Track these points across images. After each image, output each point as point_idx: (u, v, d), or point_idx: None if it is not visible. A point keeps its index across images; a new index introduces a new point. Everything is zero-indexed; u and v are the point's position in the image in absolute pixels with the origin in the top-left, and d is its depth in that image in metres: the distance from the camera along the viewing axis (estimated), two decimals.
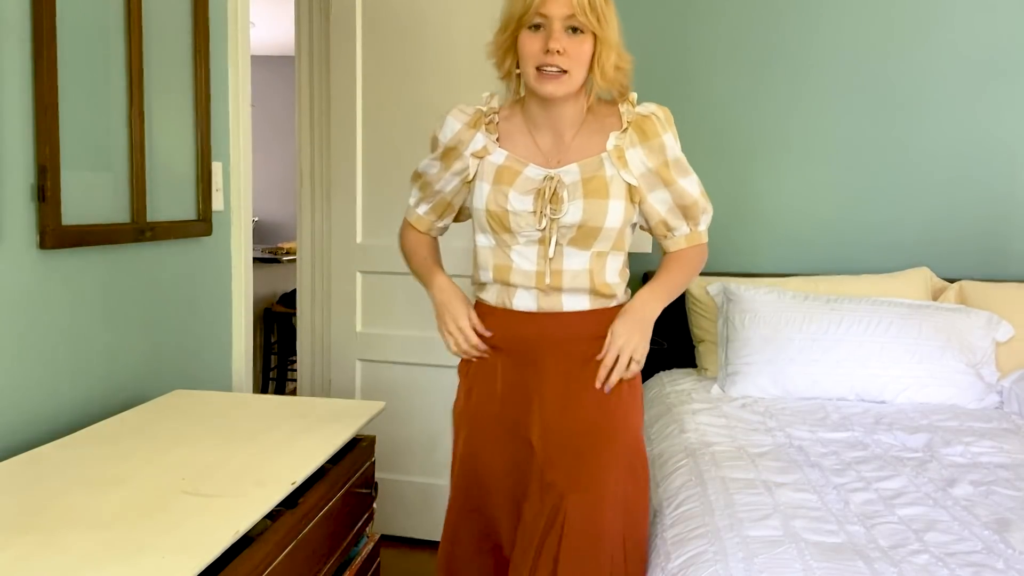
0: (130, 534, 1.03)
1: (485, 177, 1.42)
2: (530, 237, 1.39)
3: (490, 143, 1.43)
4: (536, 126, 1.43)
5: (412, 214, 1.57)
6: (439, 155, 1.47)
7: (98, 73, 1.56)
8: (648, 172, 1.41)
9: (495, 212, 1.39)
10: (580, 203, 1.36)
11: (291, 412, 1.63)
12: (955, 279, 2.60)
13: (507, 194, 1.38)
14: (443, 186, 1.49)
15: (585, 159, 1.39)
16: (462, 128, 1.45)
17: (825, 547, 1.31)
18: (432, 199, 1.53)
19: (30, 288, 1.43)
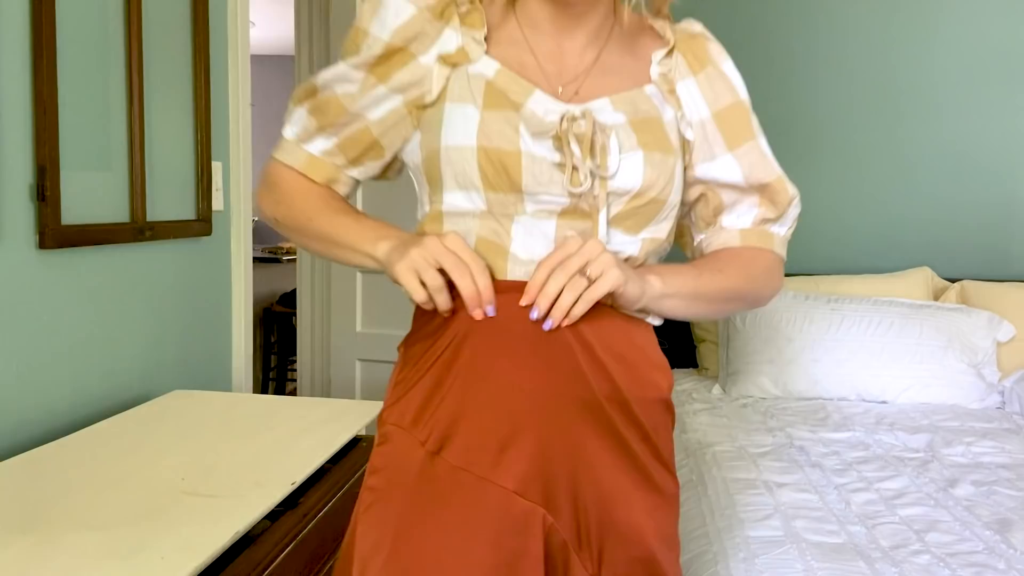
0: (130, 534, 1.02)
1: (463, 97, 0.86)
2: (550, 205, 0.85)
3: (472, 45, 0.88)
4: (538, 31, 0.90)
5: (295, 153, 0.96)
6: (372, 58, 0.89)
7: (98, 73, 1.56)
8: (707, 120, 0.93)
9: (497, 152, 0.83)
10: (639, 157, 0.86)
11: (291, 412, 1.63)
12: (956, 279, 2.60)
13: (518, 125, 0.84)
14: (368, 109, 0.91)
15: (621, 91, 0.89)
16: (421, 14, 0.88)
17: (826, 547, 1.30)
18: (341, 131, 0.93)
19: (29, 288, 1.42)
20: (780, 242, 0.98)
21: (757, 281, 0.95)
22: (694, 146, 0.93)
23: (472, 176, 0.85)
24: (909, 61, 2.66)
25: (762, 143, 0.96)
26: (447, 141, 0.86)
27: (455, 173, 0.86)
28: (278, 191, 0.98)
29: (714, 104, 0.93)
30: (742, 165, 0.94)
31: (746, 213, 0.96)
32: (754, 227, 0.96)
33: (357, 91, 0.91)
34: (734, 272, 0.93)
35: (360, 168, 0.97)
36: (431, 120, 0.88)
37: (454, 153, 0.86)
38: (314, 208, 0.95)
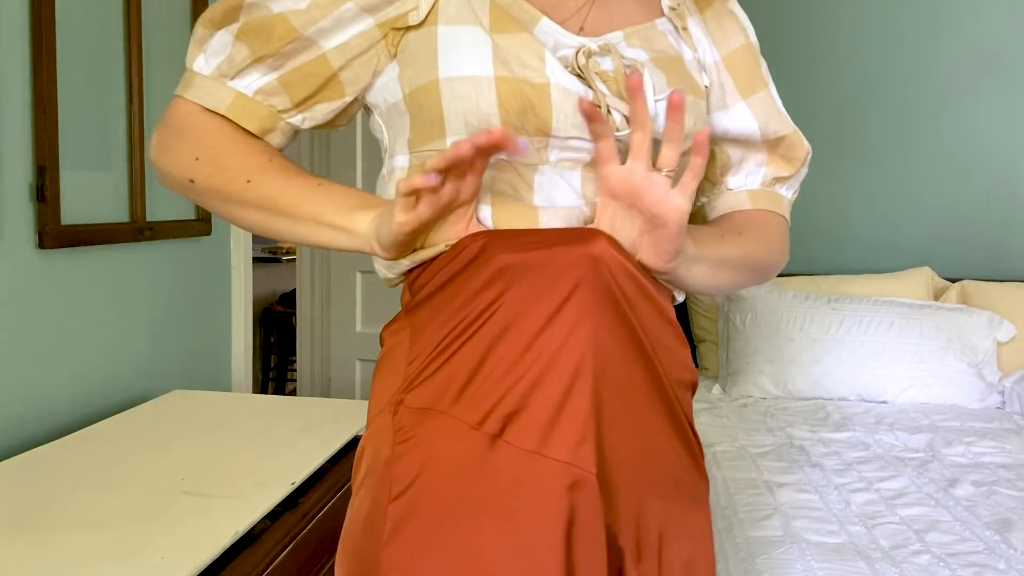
0: (130, 534, 1.02)
1: (465, 16, 0.70)
2: (577, 153, 0.70)
3: None
4: None
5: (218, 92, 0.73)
6: None
7: (97, 73, 1.56)
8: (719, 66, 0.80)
9: (519, 83, 0.67)
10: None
11: (291, 412, 1.62)
12: (957, 279, 2.60)
13: (543, 54, 0.68)
14: (326, 33, 0.71)
15: (633, 25, 0.75)
16: None
17: (826, 547, 1.30)
18: (285, 61, 0.72)
19: (29, 288, 1.42)
20: (787, 206, 0.86)
21: (774, 249, 0.82)
22: (709, 93, 0.79)
23: (489, 114, 0.67)
24: (909, 61, 2.66)
25: (774, 92, 0.83)
26: (449, 71, 0.68)
27: (465, 111, 0.67)
28: (194, 142, 0.73)
29: (723, 46, 0.80)
30: (757, 116, 0.80)
31: (754, 172, 0.83)
32: (763, 188, 0.83)
33: (310, 7, 0.70)
34: (753, 238, 0.79)
35: (306, 112, 0.74)
36: (417, 47, 0.70)
37: (462, 86, 0.67)
38: (252, 167, 0.71)
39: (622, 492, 0.66)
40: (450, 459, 0.64)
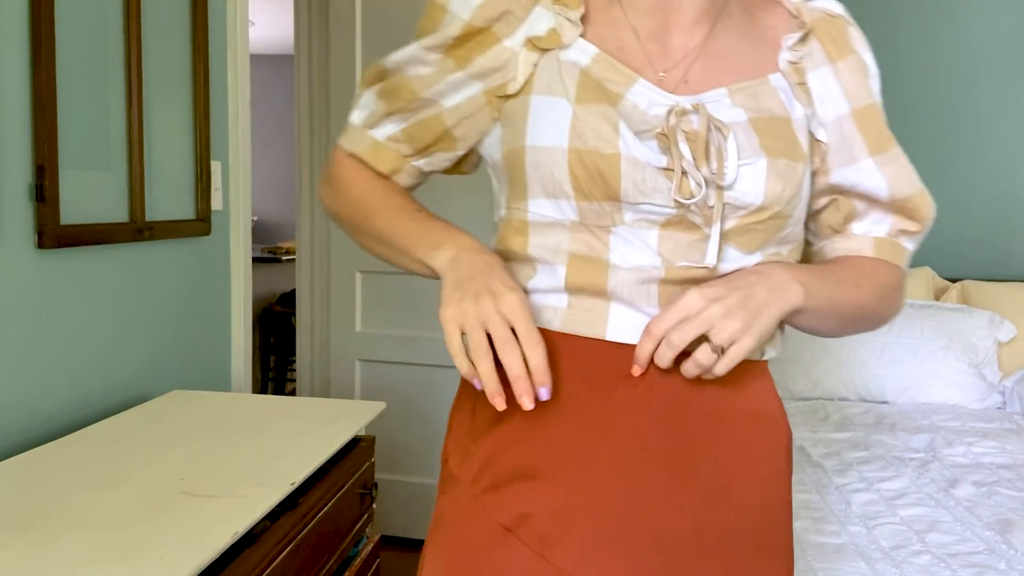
0: (129, 534, 1.02)
1: (552, 88, 0.74)
2: (652, 215, 0.72)
3: (566, 26, 0.75)
4: (637, 7, 0.76)
5: (359, 138, 0.84)
6: (449, 39, 0.77)
7: (97, 72, 1.56)
8: (846, 118, 0.77)
9: (592, 154, 0.71)
10: (763, 164, 0.72)
11: (291, 412, 1.62)
12: (957, 279, 2.60)
13: (618, 124, 0.71)
14: (443, 95, 0.79)
15: (741, 81, 0.75)
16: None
17: (827, 548, 1.30)
18: (411, 116, 0.81)
19: (28, 288, 1.42)
20: (908, 259, 0.84)
21: (886, 301, 0.81)
22: (829, 148, 0.78)
23: (562, 182, 0.72)
24: (909, 62, 2.66)
25: (901, 151, 0.81)
26: (533, 140, 0.73)
27: (542, 178, 0.73)
28: (337, 181, 0.86)
29: (855, 100, 0.77)
30: (885, 174, 0.78)
31: (881, 221, 0.81)
32: (888, 237, 0.81)
33: (431, 75, 0.78)
34: (871, 290, 0.79)
35: (427, 159, 0.84)
36: (514, 113, 0.76)
37: (542, 155, 0.73)
38: (373, 203, 0.82)
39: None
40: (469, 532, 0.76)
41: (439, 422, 2.74)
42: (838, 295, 0.76)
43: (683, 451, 0.72)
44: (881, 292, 0.80)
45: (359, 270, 2.76)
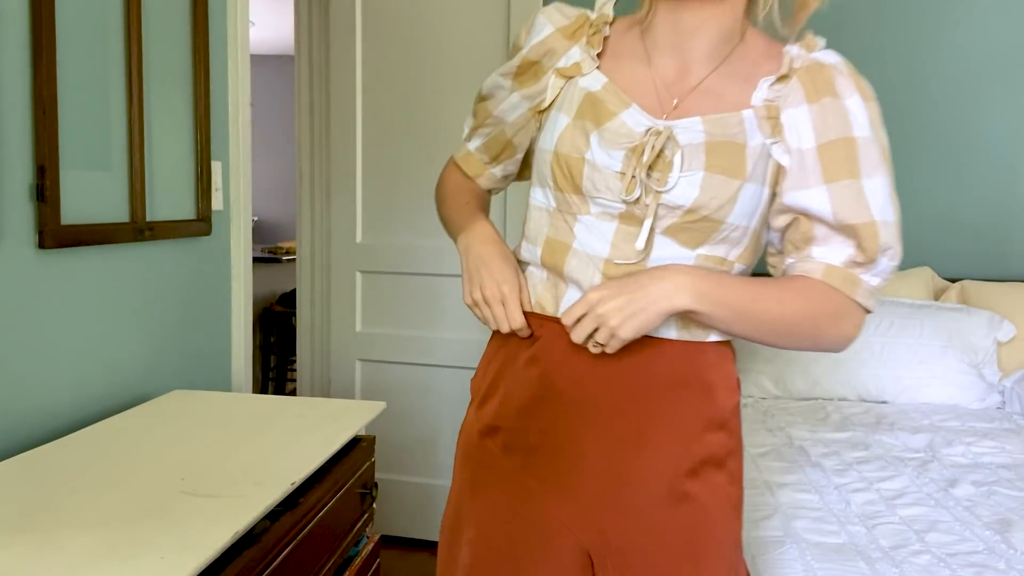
0: (130, 534, 1.02)
1: (565, 107, 0.96)
2: (609, 208, 0.92)
3: (587, 60, 0.97)
4: (657, 48, 0.95)
5: (460, 150, 1.13)
6: (513, 69, 1.01)
7: (97, 72, 1.56)
8: (811, 151, 0.89)
9: (564, 156, 0.93)
10: (699, 177, 0.88)
11: (291, 412, 1.62)
12: (957, 279, 2.60)
13: (589, 135, 0.92)
14: (506, 113, 1.04)
15: (717, 113, 0.91)
16: (555, 34, 0.99)
17: (826, 547, 1.30)
18: (488, 132, 1.07)
19: (29, 288, 1.42)
20: (866, 291, 0.92)
21: (819, 324, 0.90)
22: (788, 173, 0.90)
23: (546, 176, 0.97)
24: (909, 61, 2.66)
25: (867, 183, 0.88)
26: (540, 144, 1.00)
27: (539, 172, 1.00)
28: (443, 180, 1.16)
29: (822, 135, 0.89)
30: (833, 200, 0.88)
31: (838, 250, 0.91)
32: (843, 267, 0.91)
33: (497, 100, 1.05)
34: (795, 306, 0.90)
35: (500, 166, 1.11)
36: (542, 124, 1.02)
37: (539, 155, 1.00)
38: (449, 196, 1.13)
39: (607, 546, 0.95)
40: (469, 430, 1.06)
41: (439, 422, 2.74)
42: (749, 306, 0.89)
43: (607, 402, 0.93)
44: (811, 313, 0.90)
45: (359, 270, 2.76)
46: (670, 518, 0.92)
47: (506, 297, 0.97)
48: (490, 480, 1.00)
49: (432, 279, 2.71)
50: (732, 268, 0.94)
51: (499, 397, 1.01)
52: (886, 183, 0.90)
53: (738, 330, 0.91)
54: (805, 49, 0.92)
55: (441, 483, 2.75)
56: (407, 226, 2.70)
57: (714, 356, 0.95)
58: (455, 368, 2.71)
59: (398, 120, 2.67)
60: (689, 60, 0.94)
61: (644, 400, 0.93)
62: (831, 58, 0.92)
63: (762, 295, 0.89)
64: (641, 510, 0.92)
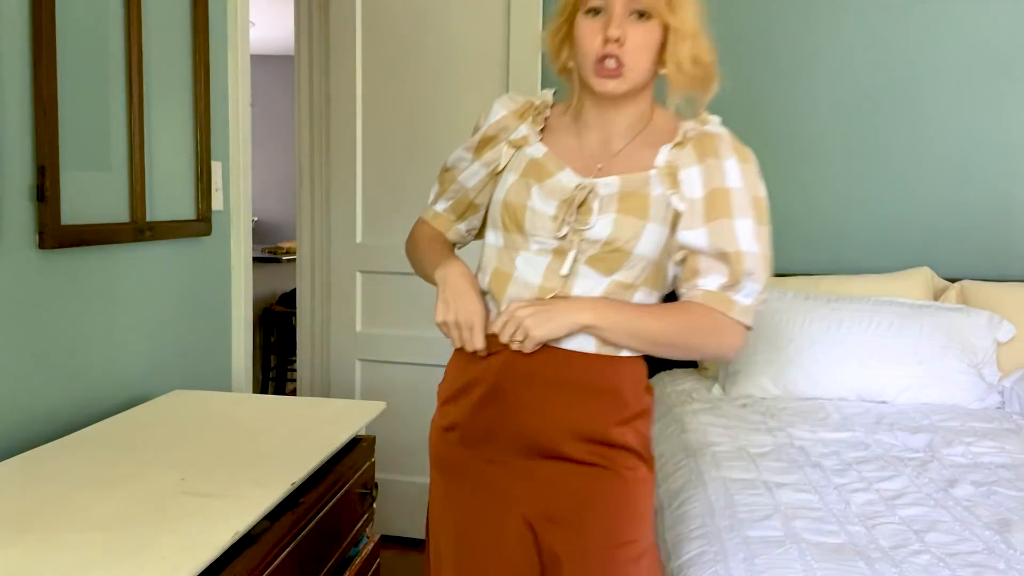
0: (130, 534, 1.02)
1: (515, 168, 1.21)
2: (544, 245, 1.17)
3: (532, 134, 1.23)
4: (586, 127, 1.21)
5: (427, 212, 1.37)
6: (474, 144, 1.27)
7: (97, 73, 1.56)
8: (698, 199, 1.14)
9: (511, 204, 1.18)
10: (611, 217, 1.14)
11: (291, 412, 1.63)
12: (956, 279, 2.60)
13: (531, 188, 1.18)
14: (468, 179, 1.28)
15: (630, 173, 1.17)
16: (507, 115, 1.26)
17: (826, 547, 1.30)
18: (453, 195, 1.31)
19: (29, 288, 1.42)
20: (741, 310, 1.15)
21: (696, 335, 1.18)
22: (682, 216, 1.15)
23: (497, 220, 1.22)
24: (908, 61, 2.66)
25: (737, 223, 1.12)
26: (495, 196, 1.24)
27: (492, 218, 1.24)
28: (412, 237, 1.38)
29: (707, 186, 1.14)
30: (711, 235, 1.13)
31: (715, 279, 1.15)
32: (717, 291, 1.15)
33: (465, 165, 1.29)
34: (674, 321, 1.17)
35: (464, 222, 1.34)
36: (498, 182, 1.25)
37: (493, 205, 1.24)
38: (422, 243, 1.34)
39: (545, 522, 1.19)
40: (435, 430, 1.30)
41: None
42: (635, 323, 1.14)
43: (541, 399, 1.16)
44: (690, 328, 1.17)
45: (359, 270, 2.76)
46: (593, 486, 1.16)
47: (474, 324, 1.17)
48: (453, 466, 1.24)
49: None
50: (637, 290, 1.17)
51: (460, 400, 1.23)
52: (752, 224, 1.13)
53: (631, 342, 1.16)
54: (699, 123, 1.18)
55: None
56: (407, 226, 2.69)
57: (626, 367, 1.17)
58: None
59: (398, 120, 2.67)
60: (610, 136, 1.20)
61: (570, 398, 1.15)
62: (717, 129, 1.17)
63: (647, 314, 1.16)
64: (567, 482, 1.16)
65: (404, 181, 2.69)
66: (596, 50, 1.12)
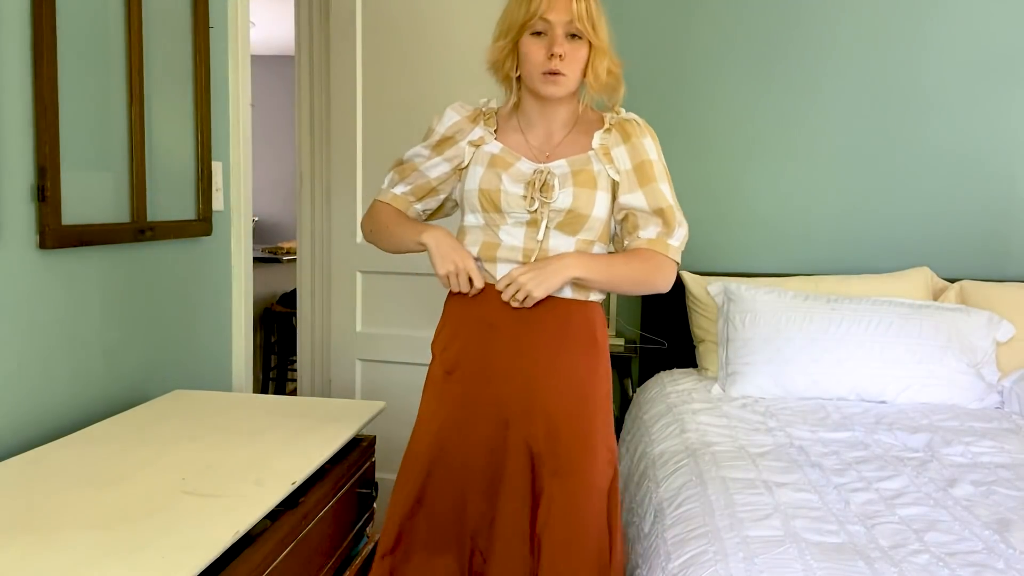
0: (130, 534, 1.02)
1: (480, 162, 1.49)
2: (519, 218, 1.45)
3: (487, 135, 1.52)
4: (530, 125, 1.51)
5: (386, 194, 1.58)
6: (432, 143, 1.55)
7: (98, 73, 1.56)
8: (628, 170, 1.48)
9: (488, 191, 1.46)
10: (570, 190, 1.44)
11: (291, 412, 1.63)
12: (956, 279, 2.60)
13: (500, 176, 1.46)
14: (429, 170, 1.55)
15: (573, 155, 1.48)
16: (461, 120, 1.54)
17: (826, 547, 1.31)
18: (412, 182, 1.56)
19: (30, 288, 1.43)
20: (675, 250, 1.49)
21: (652, 272, 1.48)
22: (620, 184, 1.48)
23: (476, 205, 1.48)
24: (908, 61, 2.66)
25: (661, 186, 1.47)
26: (467, 187, 1.50)
27: (469, 204, 1.50)
28: (373, 215, 1.60)
29: (633, 160, 1.48)
30: (646, 197, 1.47)
31: (652, 230, 1.48)
32: (656, 238, 1.48)
33: (424, 159, 1.56)
34: (636, 264, 1.48)
35: (422, 203, 1.59)
36: (463, 176, 1.53)
37: (469, 193, 1.50)
38: (391, 221, 1.56)
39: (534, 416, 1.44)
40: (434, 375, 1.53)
41: None
42: (611, 269, 1.45)
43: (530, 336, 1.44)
44: (645, 268, 1.48)
45: (359, 270, 2.76)
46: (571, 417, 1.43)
47: (471, 268, 1.44)
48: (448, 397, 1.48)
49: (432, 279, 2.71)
50: (595, 244, 1.49)
51: (457, 344, 1.48)
52: (669, 186, 1.49)
53: (606, 285, 1.47)
54: (616, 114, 1.52)
55: None
56: None
57: (593, 308, 1.49)
58: None
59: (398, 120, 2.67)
60: (552, 130, 1.51)
61: (553, 333, 1.44)
62: (630, 116, 1.52)
63: (617, 262, 1.47)
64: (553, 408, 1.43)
65: None
66: (542, 63, 1.42)
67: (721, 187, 2.74)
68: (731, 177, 2.75)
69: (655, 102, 2.75)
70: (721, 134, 2.75)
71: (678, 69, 2.75)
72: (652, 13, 2.75)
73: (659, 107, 2.74)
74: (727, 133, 2.74)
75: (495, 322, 1.45)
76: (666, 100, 2.76)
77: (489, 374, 1.45)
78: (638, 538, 1.63)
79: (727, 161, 2.75)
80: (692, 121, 2.74)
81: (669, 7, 2.74)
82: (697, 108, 2.75)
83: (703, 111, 2.75)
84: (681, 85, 2.75)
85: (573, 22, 1.40)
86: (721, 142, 2.75)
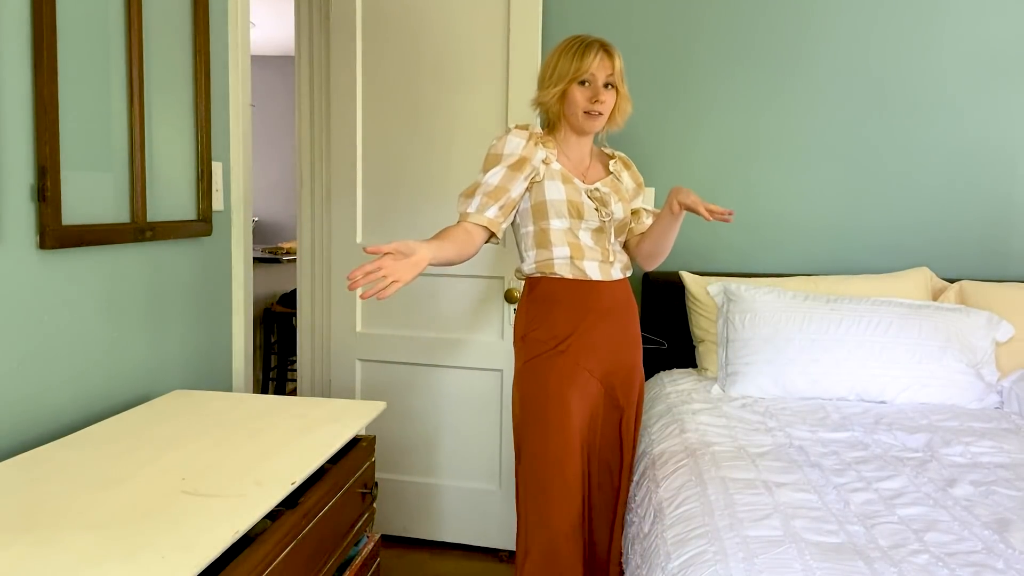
0: (130, 534, 1.03)
1: (553, 177, 1.88)
2: (590, 224, 1.89)
3: (551, 155, 1.91)
4: (569, 151, 1.96)
5: (480, 218, 1.82)
6: (510, 164, 1.86)
7: (98, 73, 1.56)
8: (633, 188, 2.07)
9: (573, 201, 1.86)
10: (621, 205, 1.94)
11: (291, 412, 1.63)
12: (955, 279, 2.60)
13: (581, 191, 1.88)
14: (514, 189, 1.85)
15: (604, 178, 1.98)
16: (527, 143, 1.88)
17: (825, 547, 1.31)
18: (503, 201, 1.84)
19: (30, 288, 1.43)
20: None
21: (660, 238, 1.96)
22: (631, 197, 2.02)
23: (563, 211, 1.87)
24: (908, 61, 2.66)
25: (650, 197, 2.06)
26: (551, 196, 1.87)
27: (555, 211, 1.87)
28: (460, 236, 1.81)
29: (634, 182, 2.07)
30: (645, 203, 2.09)
31: (649, 220, 2.04)
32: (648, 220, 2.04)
33: (506, 180, 1.85)
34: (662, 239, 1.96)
35: (508, 219, 1.88)
36: (537, 188, 1.89)
37: (554, 203, 1.87)
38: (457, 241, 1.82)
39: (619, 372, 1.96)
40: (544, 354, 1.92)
41: (439, 422, 2.74)
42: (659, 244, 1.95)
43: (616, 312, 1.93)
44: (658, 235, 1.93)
45: None
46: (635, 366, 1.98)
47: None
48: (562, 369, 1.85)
49: (432, 279, 2.72)
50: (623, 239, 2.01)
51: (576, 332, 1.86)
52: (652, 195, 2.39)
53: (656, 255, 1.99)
54: (613, 150, 2.09)
55: (441, 483, 2.75)
56: (407, 227, 2.71)
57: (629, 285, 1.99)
58: (455, 368, 2.71)
59: (398, 120, 2.67)
60: (583, 156, 1.96)
61: (624, 308, 1.95)
62: (621, 154, 2.08)
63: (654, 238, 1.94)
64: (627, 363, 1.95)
65: (404, 181, 2.70)
66: (586, 105, 1.86)
67: (721, 188, 2.74)
68: (731, 178, 2.75)
69: (656, 102, 2.75)
70: (722, 135, 2.75)
71: (678, 71, 2.75)
72: (654, 14, 2.75)
73: (660, 107, 2.75)
74: (728, 134, 2.74)
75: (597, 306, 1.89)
76: (667, 102, 2.76)
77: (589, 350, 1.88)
78: (638, 538, 1.63)
79: (727, 162, 2.75)
80: (693, 123, 2.74)
81: (671, 8, 2.74)
82: (698, 110, 2.75)
83: (704, 113, 2.75)
84: (682, 87, 2.75)
85: (610, 76, 1.86)
86: (722, 143, 2.75)
